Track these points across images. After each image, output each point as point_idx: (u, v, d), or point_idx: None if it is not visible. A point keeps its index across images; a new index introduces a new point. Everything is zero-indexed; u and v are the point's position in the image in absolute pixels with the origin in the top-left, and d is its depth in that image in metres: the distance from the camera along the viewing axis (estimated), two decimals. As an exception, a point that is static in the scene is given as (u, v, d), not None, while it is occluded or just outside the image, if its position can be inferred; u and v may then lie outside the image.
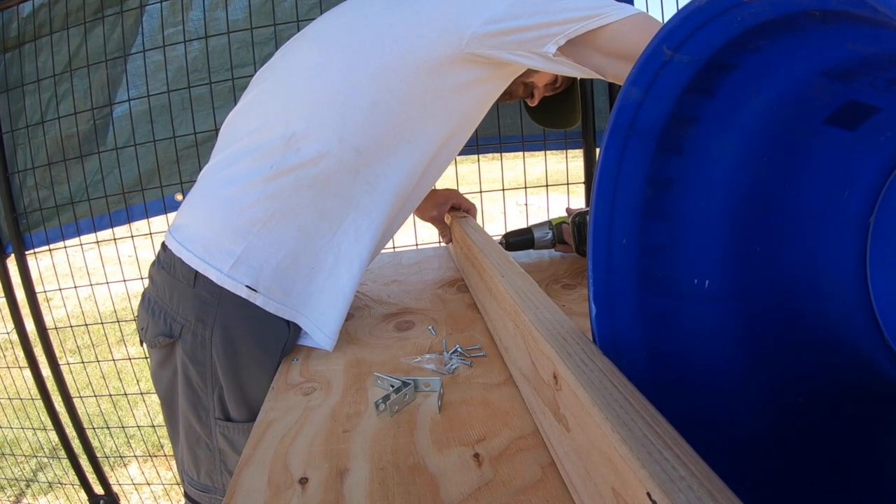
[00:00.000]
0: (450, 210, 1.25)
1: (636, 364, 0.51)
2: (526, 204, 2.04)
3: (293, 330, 0.84)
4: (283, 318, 0.82)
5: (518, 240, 1.22)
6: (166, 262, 0.83)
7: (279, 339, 0.82)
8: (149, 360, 0.92)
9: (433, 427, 0.60)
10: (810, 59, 0.39)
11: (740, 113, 0.46)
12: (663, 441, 0.34)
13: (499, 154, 1.63)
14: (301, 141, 0.79)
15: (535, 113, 1.24)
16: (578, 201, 1.65)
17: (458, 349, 0.76)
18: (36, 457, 2.42)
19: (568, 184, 1.65)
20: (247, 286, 0.79)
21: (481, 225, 1.15)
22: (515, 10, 0.77)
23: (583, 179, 1.65)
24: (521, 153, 1.61)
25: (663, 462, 0.32)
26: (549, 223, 1.22)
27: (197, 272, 0.79)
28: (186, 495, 0.91)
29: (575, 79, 1.11)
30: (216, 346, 0.80)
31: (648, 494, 0.31)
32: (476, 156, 1.65)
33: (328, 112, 0.81)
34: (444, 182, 1.54)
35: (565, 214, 1.24)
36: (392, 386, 0.68)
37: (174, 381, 0.86)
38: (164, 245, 0.86)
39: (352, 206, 0.84)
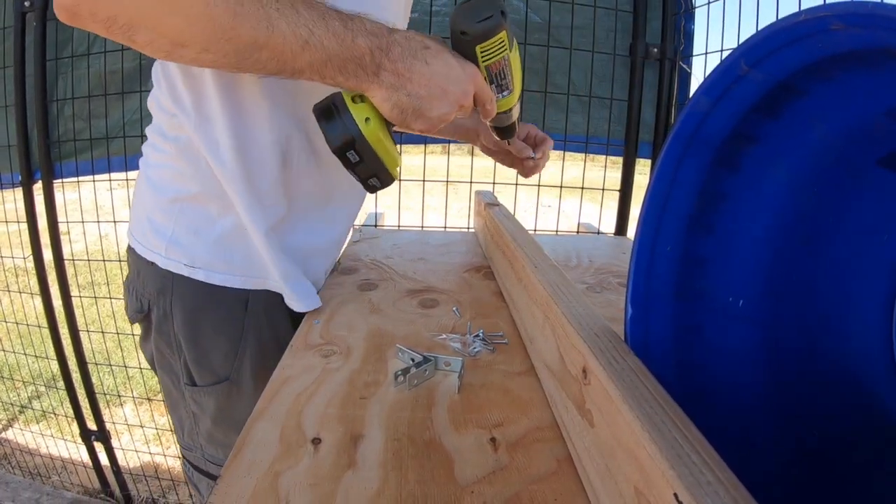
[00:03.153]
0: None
1: (663, 371, 0.51)
2: (549, 206, 2.02)
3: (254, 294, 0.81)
4: (234, 287, 0.80)
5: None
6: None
7: (234, 306, 0.81)
8: None
9: (451, 406, 0.60)
10: (877, 96, 0.38)
11: (799, 139, 0.45)
12: (691, 445, 0.34)
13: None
14: (161, 105, 0.79)
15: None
16: (611, 213, 1.63)
17: (481, 335, 0.75)
18: (34, 384, 2.44)
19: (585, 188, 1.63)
20: (185, 265, 0.78)
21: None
22: None
23: (610, 187, 1.64)
24: (561, 152, 1.59)
25: (692, 465, 0.32)
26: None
27: None
28: (182, 455, 0.94)
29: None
30: (176, 316, 0.80)
31: (675, 496, 0.31)
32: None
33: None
34: (479, 174, 1.53)
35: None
36: (413, 360, 0.67)
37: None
38: None
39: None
